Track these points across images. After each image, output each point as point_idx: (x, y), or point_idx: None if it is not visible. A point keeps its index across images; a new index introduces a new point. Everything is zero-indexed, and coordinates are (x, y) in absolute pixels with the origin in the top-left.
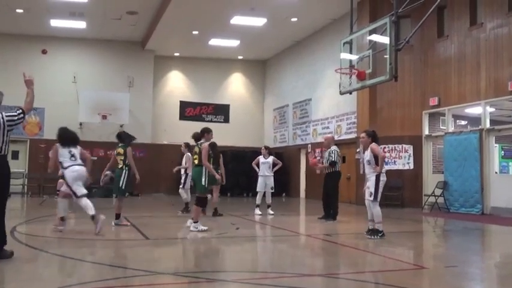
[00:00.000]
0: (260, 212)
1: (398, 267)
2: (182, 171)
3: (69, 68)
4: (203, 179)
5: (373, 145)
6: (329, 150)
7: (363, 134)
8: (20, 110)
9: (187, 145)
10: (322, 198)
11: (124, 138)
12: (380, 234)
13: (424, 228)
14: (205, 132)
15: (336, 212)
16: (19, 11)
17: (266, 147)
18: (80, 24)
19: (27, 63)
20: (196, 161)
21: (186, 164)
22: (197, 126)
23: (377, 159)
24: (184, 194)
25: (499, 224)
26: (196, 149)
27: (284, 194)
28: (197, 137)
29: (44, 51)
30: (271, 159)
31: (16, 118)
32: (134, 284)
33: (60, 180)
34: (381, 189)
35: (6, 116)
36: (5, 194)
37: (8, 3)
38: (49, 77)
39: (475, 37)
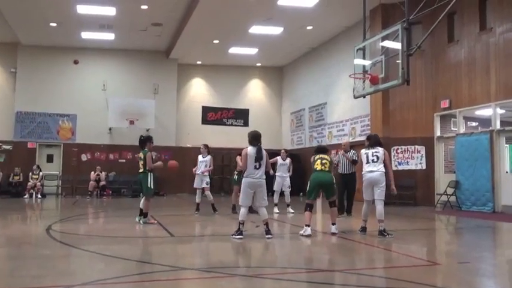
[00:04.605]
0: (278, 211)
1: (412, 263)
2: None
3: (99, 77)
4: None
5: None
6: (350, 152)
7: None
8: None
9: (206, 146)
10: (340, 198)
11: (141, 143)
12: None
13: (436, 226)
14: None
15: (351, 208)
16: (52, 24)
17: (286, 151)
18: (109, 36)
19: (60, 73)
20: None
21: (211, 166)
22: (219, 129)
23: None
24: (211, 195)
25: (510, 221)
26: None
27: (301, 194)
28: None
29: (75, 62)
30: (288, 161)
31: None
32: (161, 278)
33: (92, 182)
34: (363, 188)
35: None
36: None
37: (42, 18)
38: (80, 85)
39: (485, 41)
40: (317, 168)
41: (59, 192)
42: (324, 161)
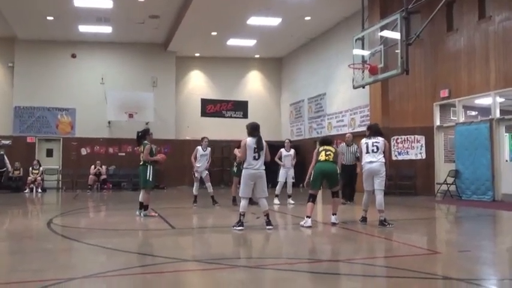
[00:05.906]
0: (279, 202)
1: (412, 252)
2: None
3: (97, 71)
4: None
5: None
6: (353, 146)
7: None
8: None
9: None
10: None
11: (138, 139)
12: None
13: (437, 215)
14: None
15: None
16: (49, 18)
17: (290, 141)
18: (106, 29)
19: (58, 67)
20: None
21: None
22: (218, 122)
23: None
24: (211, 187)
25: (510, 210)
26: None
27: (301, 185)
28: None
29: (73, 56)
30: (292, 152)
31: None
32: (162, 270)
33: (91, 176)
34: (363, 178)
35: None
36: None
37: (39, 12)
38: (79, 79)
39: (484, 30)
40: (321, 159)
41: (59, 186)
42: (328, 152)
